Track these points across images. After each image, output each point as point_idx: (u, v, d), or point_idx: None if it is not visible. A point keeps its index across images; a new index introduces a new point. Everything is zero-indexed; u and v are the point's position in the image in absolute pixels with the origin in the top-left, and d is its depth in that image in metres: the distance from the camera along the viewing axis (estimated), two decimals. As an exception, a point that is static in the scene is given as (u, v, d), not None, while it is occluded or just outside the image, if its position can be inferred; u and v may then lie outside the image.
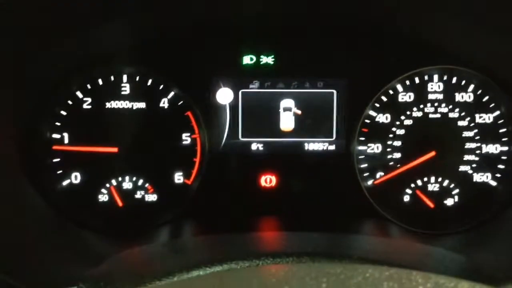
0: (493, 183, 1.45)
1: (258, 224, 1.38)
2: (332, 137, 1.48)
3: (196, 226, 1.41)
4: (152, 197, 1.47)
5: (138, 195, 1.46)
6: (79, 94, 1.43)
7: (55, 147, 1.43)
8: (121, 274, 0.84)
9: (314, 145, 1.49)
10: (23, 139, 1.35)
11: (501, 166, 1.44)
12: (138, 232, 1.40)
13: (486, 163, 1.44)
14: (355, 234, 1.26)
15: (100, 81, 1.43)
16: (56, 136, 1.43)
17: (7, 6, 0.99)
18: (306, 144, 1.49)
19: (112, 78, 1.44)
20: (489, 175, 1.45)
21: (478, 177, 1.45)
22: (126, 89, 1.44)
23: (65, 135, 1.43)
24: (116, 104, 1.44)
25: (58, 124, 1.42)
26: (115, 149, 1.43)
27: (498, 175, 1.45)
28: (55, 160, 1.43)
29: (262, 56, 1.46)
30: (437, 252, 1.02)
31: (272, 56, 1.46)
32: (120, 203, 1.45)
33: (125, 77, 1.44)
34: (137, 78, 1.44)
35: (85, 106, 1.43)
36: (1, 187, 1.24)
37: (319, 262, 0.71)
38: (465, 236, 1.40)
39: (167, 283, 0.77)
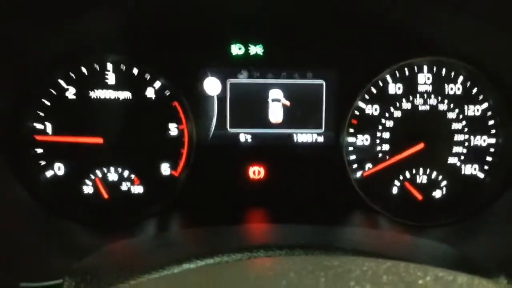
0: (481, 175, 1.45)
1: (246, 216, 1.37)
2: (321, 129, 1.47)
3: (183, 218, 1.39)
4: (138, 189, 1.44)
5: (124, 187, 1.43)
6: (62, 83, 1.39)
7: (38, 138, 1.39)
8: (109, 267, 0.82)
9: (303, 137, 1.48)
10: (5, 130, 1.31)
11: (489, 158, 1.45)
12: (124, 225, 1.37)
13: (474, 155, 1.45)
14: (345, 226, 1.25)
15: (84, 70, 1.40)
16: (39, 126, 1.39)
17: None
18: (295, 136, 1.48)
19: (97, 67, 1.40)
20: (477, 167, 1.45)
21: (466, 169, 1.45)
22: (111, 78, 1.40)
23: (49, 125, 1.39)
24: (101, 93, 1.40)
25: (41, 114, 1.38)
26: (100, 140, 1.40)
27: (486, 167, 1.45)
28: (38, 150, 1.39)
29: (250, 46, 1.43)
30: (427, 244, 1.02)
31: (261, 46, 1.43)
32: (105, 195, 1.42)
33: (110, 66, 1.40)
34: (123, 67, 1.41)
35: (68, 95, 1.40)
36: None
37: (313, 254, 0.70)
38: (453, 228, 1.40)
39: (157, 277, 0.75)
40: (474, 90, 1.43)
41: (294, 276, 0.47)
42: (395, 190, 1.47)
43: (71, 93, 1.39)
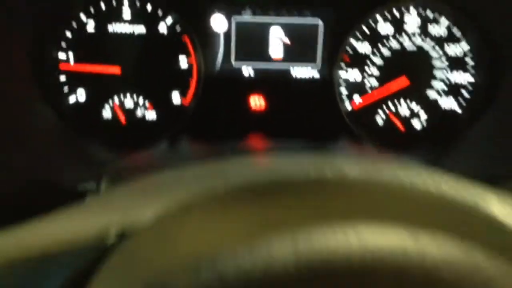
0: (458, 110, 1.63)
1: (248, 137, 1.55)
2: (316, 65, 1.62)
3: (192, 140, 1.56)
4: (152, 116, 1.61)
5: (139, 113, 1.60)
6: (83, 17, 1.53)
7: (62, 67, 1.54)
8: (137, 169, 0.99)
9: (300, 72, 1.63)
10: (35, 60, 1.46)
11: (466, 95, 1.62)
12: (139, 145, 1.56)
13: (453, 91, 1.61)
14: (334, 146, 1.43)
15: (102, 5, 1.53)
16: (62, 56, 1.54)
17: None
18: (292, 71, 1.63)
19: (114, 2, 1.53)
20: (455, 102, 1.62)
21: (445, 104, 1.63)
22: (126, 13, 1.54)
23: (71, 55, 1.54)
24: (118, 27, 1.54)
25: (64, 45, 1.53)
26: (117, 70, 1.56)
27: (463, 103, 1.62)
28: (62, 78, 1.55)
29: (254, -16, 1.56)
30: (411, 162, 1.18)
31: (264, -16, 1.56)
32: (123, 120, 1.59)
33: (126, 2, 1.54)
34: (137, 3, 1.54)
35: (88, 28, 1.54)
36: (17, 102, 1.38)
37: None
38: (432, 153, 1.59)
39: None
40: (457, 32, 1.57)
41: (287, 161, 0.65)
42: (380, 122, 1.65)
43: (90, 26, 1.54)
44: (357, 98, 1.64)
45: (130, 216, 0.53)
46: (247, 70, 1.63)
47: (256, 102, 1.64)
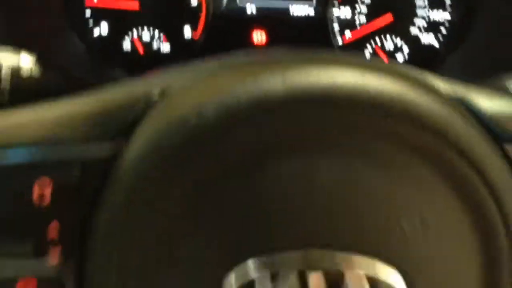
0: (437, 45, 1.84)
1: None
2: (312, 3, 1.83)
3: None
4: (166, 48, 1.83)
5: (155, 45, 1.82)
6: (104, -43, 1.73)
7: (87, 3, 1.75)
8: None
9: (298, 10, 1.84)
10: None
11: (443, 31, 1.83)
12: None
13: (433, 28, 1.83)
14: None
15: None
16: (86, -7, 1.75)
17: None
18: (291, 9, 1.84)
19: None
20: (434, 38, 1.84)
21: (425, 39, 1.84)
22: (143, -45, 1.74)
23: (94, -8, 1.75)
24: (136, -32, 1.75)
25: (88, -17, 1.74)
26: (136, 6, 1.76)
27: (441, 39, 1.84)
28: (87, 13, 1.76)
29: None
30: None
31: None
32: (141, 51, 1.81)
33: None
34: None
35: (108, -31, 1.74)
36: (51, 32, 1.60)
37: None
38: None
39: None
40: (437, -27, 1.78)
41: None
42: (368, 55, 1.87)
43: (111, -34, 1.74)
44: (347, 34, 1.85)
45: (169, 80, 0.77)
46: (250, 8, 1.83)
47: (258, 37, 1.85)
